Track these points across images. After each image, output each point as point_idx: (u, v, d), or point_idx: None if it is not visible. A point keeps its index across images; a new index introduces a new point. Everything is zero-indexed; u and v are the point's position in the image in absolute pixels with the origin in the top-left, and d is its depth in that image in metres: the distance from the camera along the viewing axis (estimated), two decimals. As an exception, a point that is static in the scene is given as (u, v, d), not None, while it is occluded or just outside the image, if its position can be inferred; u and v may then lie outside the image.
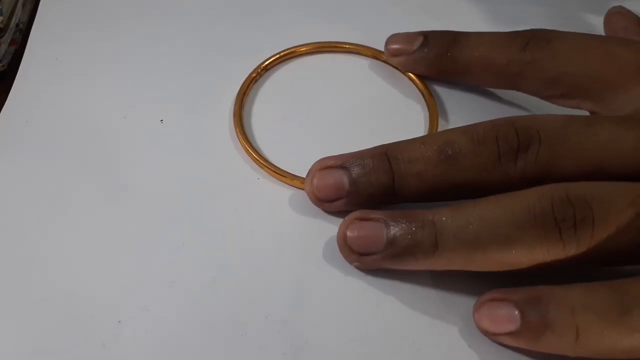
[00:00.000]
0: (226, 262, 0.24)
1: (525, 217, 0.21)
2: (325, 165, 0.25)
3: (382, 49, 0.31)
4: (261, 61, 0.30)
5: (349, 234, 0.23)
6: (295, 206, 0.26)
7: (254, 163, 0.27)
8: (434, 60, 0.29)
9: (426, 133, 0.28)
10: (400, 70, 0.30)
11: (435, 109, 0.29)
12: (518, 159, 0.22)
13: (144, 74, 0.30)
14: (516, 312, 0.20)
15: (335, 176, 0.24)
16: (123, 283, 0.23)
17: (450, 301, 0.23)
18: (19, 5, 0.33)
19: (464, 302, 0.23)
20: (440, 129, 0.28)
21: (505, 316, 0.21)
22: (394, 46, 0.30)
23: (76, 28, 0.32)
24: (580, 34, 0.26)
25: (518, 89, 0.28)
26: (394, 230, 0.22)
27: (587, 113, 0.26)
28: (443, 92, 0.30)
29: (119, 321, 0.22)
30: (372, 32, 0.32)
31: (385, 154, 0.24)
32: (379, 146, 0.24)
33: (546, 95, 0.27)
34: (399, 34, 0.30)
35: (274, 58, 0.31)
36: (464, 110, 0.29)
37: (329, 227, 0.25)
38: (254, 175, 0.27)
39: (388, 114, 0.29)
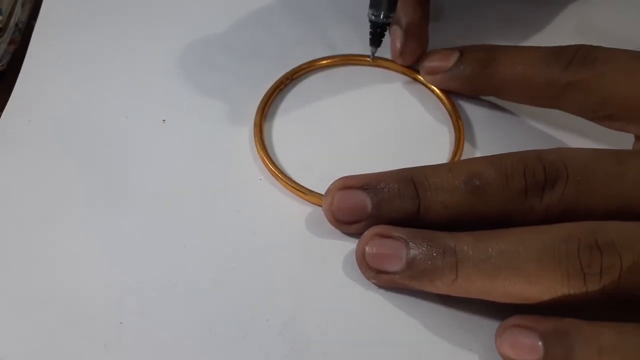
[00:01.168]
0: (228, 264, 0.24)
1: (549, 257, 0.20)
2: (346, 185, 0.24)
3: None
4: (286, 71, 0.30)
5: (367, 250, 0.23)
6: (298, 211, 0.25)
7: (270, 174, 0.27)
8: (470, 77, 0.28)
9: (451, 153, 0.27)
10: (427, 87, 0.30)
11: (461, 127, 0.28)
12: (544, 195, 0.22)
13: (148, 74, 0.30)
14: (540, 343, 0.20)
15: (357, 198, 0.23)
16: (125, 284, 0.23)
17: (454, 306, 0.23)
18: (19, 4, 0.33)
19: (469, 309, 0.23)
20: (466, 145, 0.28)
21: (528, 345, 0.20)
22: (430, 64, 0.29)
23: (79, 27, 0.32)
24: (627, 52, 0.25)
25: (559, 109, 0.26)
26: (414, 252, 0.22)
27: (631, 136, 0.25)
28: (470, 109, 0.29)
29: (121, 322, 0.22)
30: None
31: (412, 180, 0.23)
32: (404, 170, 0.24)
33: (589, 117, 0.26)
34: (435, 50, 0.29)
35: (299, 69, 0.30)
36: (492, 131, 0.29)
37: (330, 231, 0.25)
38: (260, 180, 0.27)
39: (412, 131, 0.29)
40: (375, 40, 0.29)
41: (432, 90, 0.30)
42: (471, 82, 0.28)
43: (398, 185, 0.23)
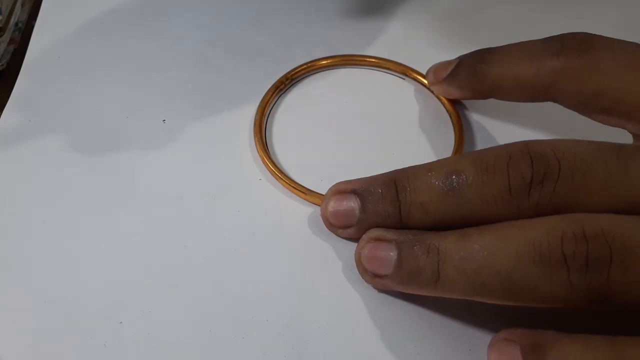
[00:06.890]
0: (228, 265, 0.24)
1: (530, 252, 0.19)
2: (339, 190, 0.24)
3: (409, 64, 0.30)
4: (286, 71, 0.30)
5: (362, 252, 0.23)
6: (298, 211, 0.25)
7: (270, 174, 0.26)
8: (464, 82, 0.27)
9: (452, 153, 0.27)
10: (427, 87, 0.30)
11: (461, 127, 0.28)
12: (532, 191, 0.20)
13: (148, 74, 0.30)
14: (520, 356, 0.19)
15: (348, 203, 0.23)
16: (125, 284, 0.23)
17: (454, 307, 0.23)
18: (18, 4, 0.33)
19: (469, 310, 0.23)
20: (466, 145, 0.27)
21: (510, 357, 0.19)
22: (433, 75, 0.29)
23: (79, 27, 0.32)
24: (630, 43, 0.23)
25: (552, 100, 0.25)
26: (403, 253, 0.21)
27: (629, 135, 0.24)
28: (471, 108, 0.29)
29: (121, 322, 0.22)
30: (401, 47, 0.32)
31: (394, 182, 0.22)
32: (390, 173, 0.23)
33: (585, 110, 0.24)
34: (439, 63, 0.29)
35: (299, 69, 0.30)
36: (492, 131, 0.28)
37: (331, 232, 0.25)
38: (260, 180, 0.26)
39: (413, 131, 0.29)
40: None
41: (433, 91, 0.30)
42: (466, 87, 0.27)
43: (381, 188, 0.23)
